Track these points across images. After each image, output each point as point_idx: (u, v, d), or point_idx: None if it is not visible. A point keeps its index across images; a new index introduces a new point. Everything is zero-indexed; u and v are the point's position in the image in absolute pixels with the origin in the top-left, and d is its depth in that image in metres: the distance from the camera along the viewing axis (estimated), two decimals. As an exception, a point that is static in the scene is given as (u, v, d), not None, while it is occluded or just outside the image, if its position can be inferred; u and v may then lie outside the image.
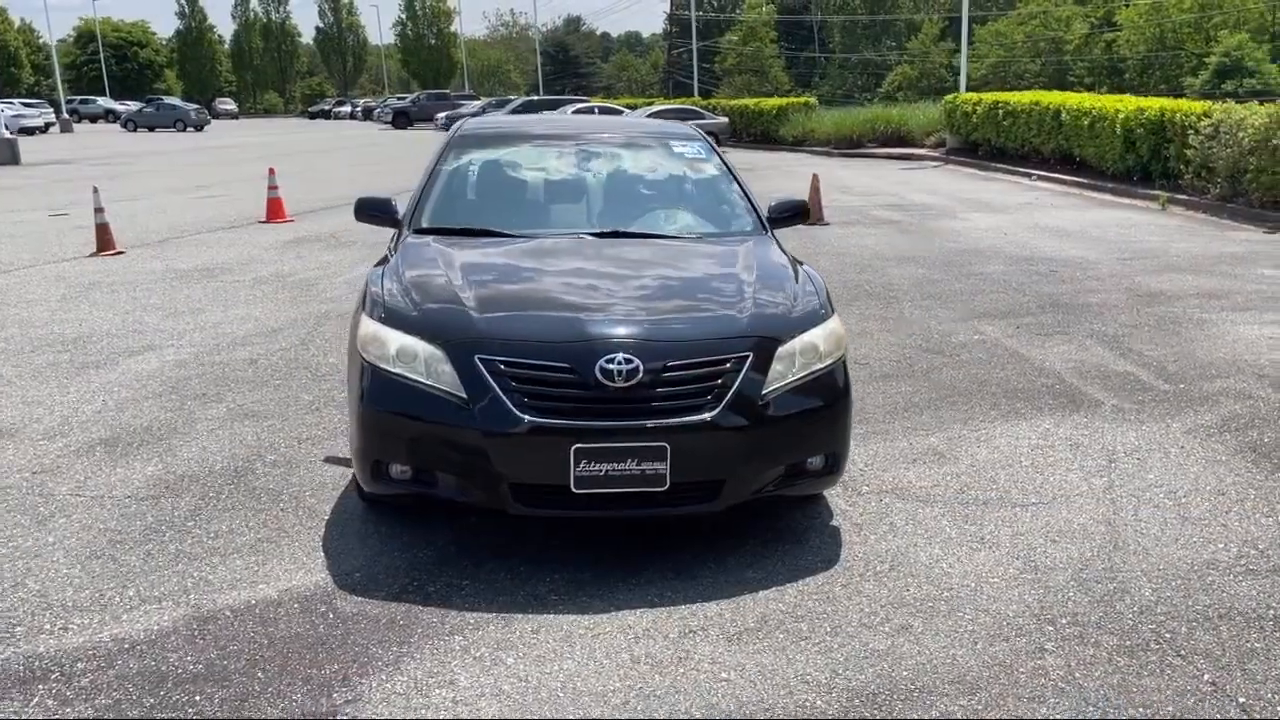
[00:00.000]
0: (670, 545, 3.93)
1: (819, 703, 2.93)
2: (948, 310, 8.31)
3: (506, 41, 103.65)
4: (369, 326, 3.85)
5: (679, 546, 3.92)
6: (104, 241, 11.14)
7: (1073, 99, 18.98)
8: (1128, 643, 3.25)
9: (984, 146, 22.41)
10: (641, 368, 3.53)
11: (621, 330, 3.65)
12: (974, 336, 7.40)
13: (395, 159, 28.44)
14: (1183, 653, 3.19)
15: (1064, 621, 3.38)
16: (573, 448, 3.48)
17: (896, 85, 72.76)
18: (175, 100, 61.72)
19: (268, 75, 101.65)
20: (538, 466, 3.53)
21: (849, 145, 27.34)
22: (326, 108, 78.28)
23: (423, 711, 2.91)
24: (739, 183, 5.14)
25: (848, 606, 3.49)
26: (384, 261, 4.45)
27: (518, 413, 3.51)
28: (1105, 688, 3.00)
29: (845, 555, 3.88)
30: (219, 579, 3.68)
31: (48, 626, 3.35)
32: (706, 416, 3.55)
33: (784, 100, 32.70)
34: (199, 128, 52.95)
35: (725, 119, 31.15)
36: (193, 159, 28.95)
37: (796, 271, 4.34)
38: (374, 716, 2.88)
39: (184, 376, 6.31)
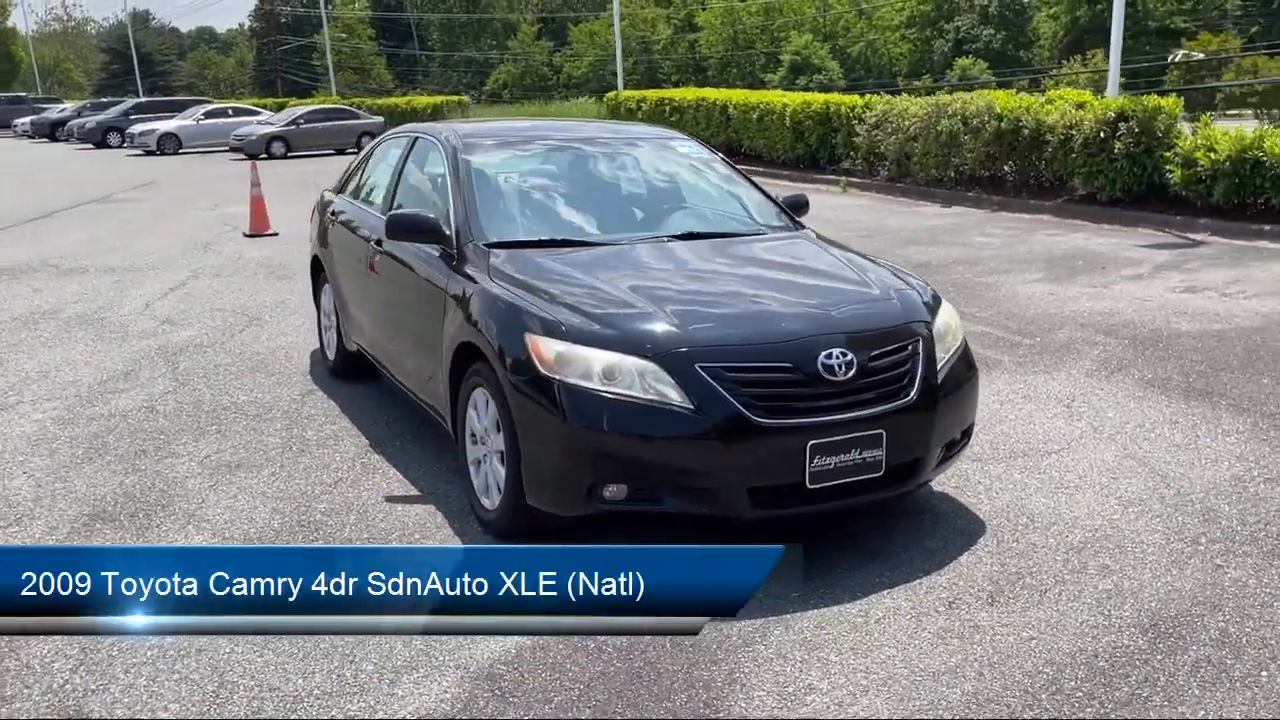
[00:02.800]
0: (819, 534, 4.07)
1: (1124, 641, 3.29)
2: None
3: (61, 38, 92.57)
4: (555, 346, 3.64)
5: (828, 534, 4.07)
6: None
7: (738, 95, 20.63)
8: (1267, 549, 3.91)
9: (651, 140, 23.68)
10: (855, 360, 3.68)
11: (827, 326, 3.77)
12: (832, 314, 8.07)
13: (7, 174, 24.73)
14: (1310, 548, 3.91)
15: (1203, 541, 3.99)
16: (808, 444, 3.56)
17: (501, 84, 74.31)
18: None
19: None
20: (775, 467, 3.57)
21: (510, 143, 27.73)
22: None
23: (822, 720, 2.91)
24: (749, 180, 5.33)
25: (1041, 559, 3.86)
26: (470, 278, 4.20)
27: (753, 416, 3.52)
28: (1296, 585, 3.63)
29: (983, 515, 4.26)
30: (447, 638, 3.34)
31: (384, 686, 2.93)
32: (910, 398, 3.77)
33: (438, 98, 32.40)
34: None
35: (380, 118, 30.32)
36: None
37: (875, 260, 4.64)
38: (783, 734, 2.85)
39: (91, 434, 5.37)
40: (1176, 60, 33.41)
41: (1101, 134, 12.99)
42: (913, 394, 3.78)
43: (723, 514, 3.63)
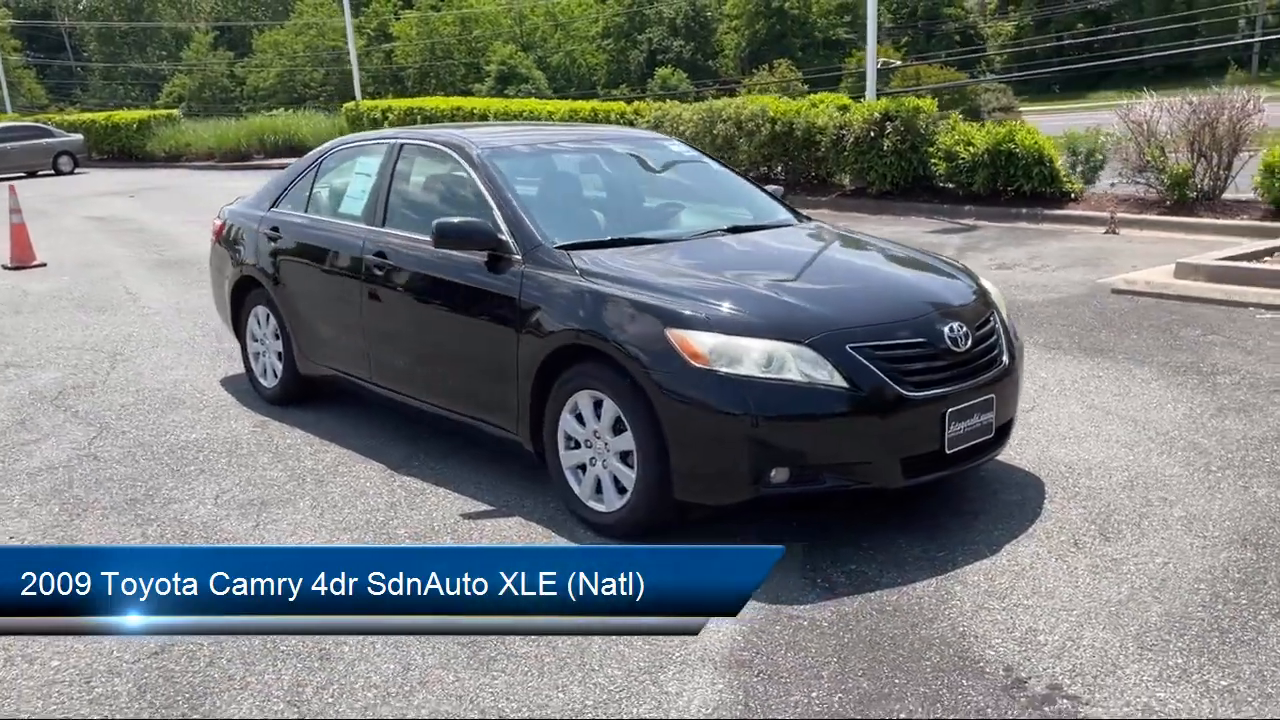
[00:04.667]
0: (912, 503, 4.33)
1: (1235, 554, 3.77)
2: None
3: None
4: (708, 339, 3.67)
5: (915, 502, 4.34)
6: None
7: (497, 104, 20.62)
8: (1266, 468, 4.58)
9: (400, 151, 23.10)
10: (969, 332, 3.98)
11: (937, 302, 4.04)
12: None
13: None
14: (1299, 464, 4.64)
15: (1214, 469, 4.61)
16: (947, 412, 3.82)
17: (176, 97, 69.29)
18: None
19: None
20: (920, 437, 3.80)
21: (237, 158, 26.05)
22: None
23: (1119, 673, 3.14)
24: (737, 173, 5.52)
25: (1110, 498, 4.30)
26: (556, 281, 4.14)
27: (903, 390, 3.73)
28: (1315, 494, 4.32)
29: (1027, 468, 4.67)
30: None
31: (650, 688, 2.82)
32: (1005, 364, 4.13)
33: (143, 113, 29.77)
34: None
35: (80, 136, 27.44)
36: None
37: None
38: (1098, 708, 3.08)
39: (49, 489, 4.69)
40: (881, 66, 36.86)
41: (871, 133, 14.21)
42: (1005, 359, 4.15)
43: (877, 486, 3.82)
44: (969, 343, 3.96)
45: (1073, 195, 13.01)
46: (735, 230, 4.75)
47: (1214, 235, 11.16)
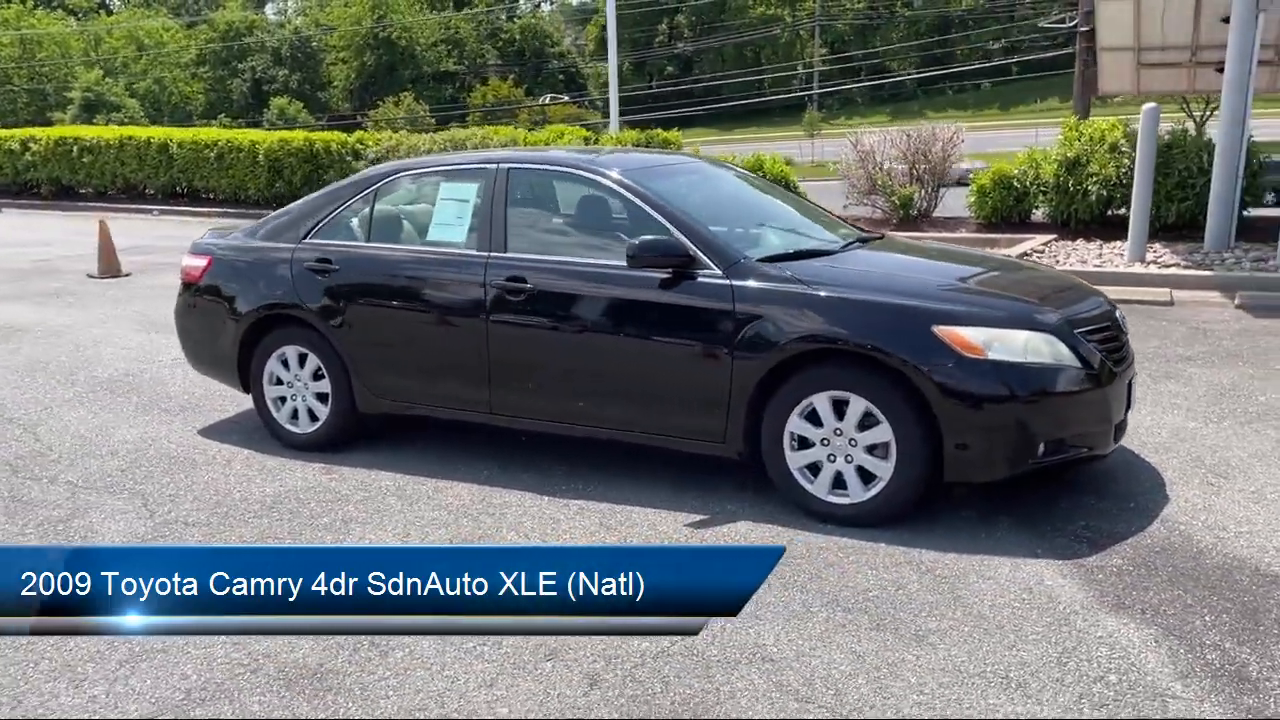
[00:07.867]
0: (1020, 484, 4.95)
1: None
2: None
3: None
4: (978, 333, 4.07)
5: (1023, 484, 4.98)
6: None
7: (181, 134, 18.95)
8: (1249, 418, 5.74)
9: (49, 187, 20.38)
10: (1124, 316, 4.71)
11: (1098, 292, 4.70)
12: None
13: None
14: None
15: (1212, 420, 5.68)
16: (1129, 383, 4.50)
17: None
18: None
19: None
20: (1121, 406, 4.44)
21: None
22: None
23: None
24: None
25: (1184, 452, 5.16)
26: (777, 292, 4.33)
27: (1113, 367, 4.36)
28: (1304, 430, 5.50)
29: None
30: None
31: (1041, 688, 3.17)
32: (1128, 339, 4.90)
33: None
34: None
35: None
36: None
37: None
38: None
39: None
40: (546, 103, 37.93)
41: (624, 162, 14.96)
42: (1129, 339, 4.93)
43: (1099, 452, 4.40)
44: (1126, 325, 4.69)
45: (812, 217, 14.56)
46: (862, 242, 5.15)
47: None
